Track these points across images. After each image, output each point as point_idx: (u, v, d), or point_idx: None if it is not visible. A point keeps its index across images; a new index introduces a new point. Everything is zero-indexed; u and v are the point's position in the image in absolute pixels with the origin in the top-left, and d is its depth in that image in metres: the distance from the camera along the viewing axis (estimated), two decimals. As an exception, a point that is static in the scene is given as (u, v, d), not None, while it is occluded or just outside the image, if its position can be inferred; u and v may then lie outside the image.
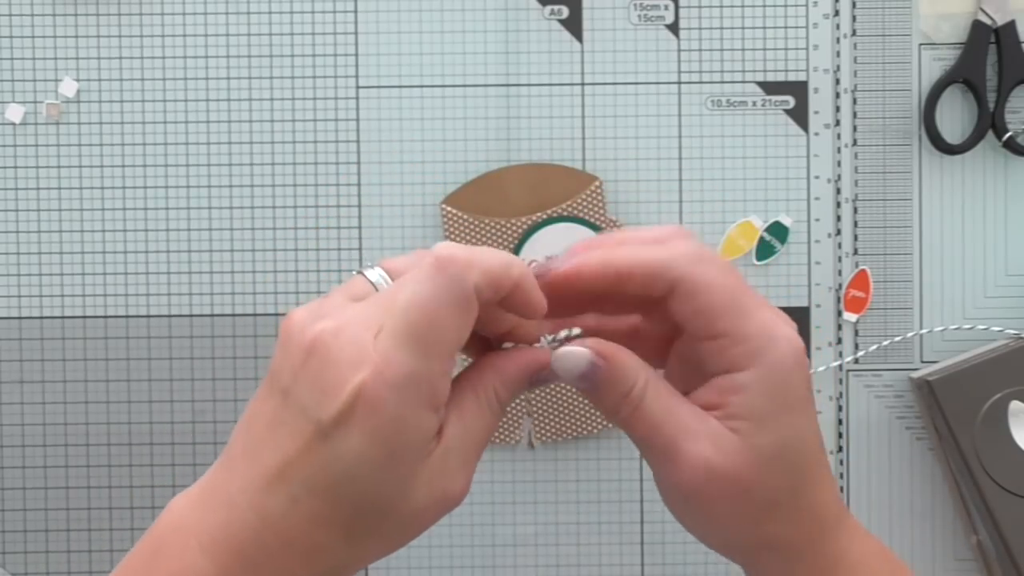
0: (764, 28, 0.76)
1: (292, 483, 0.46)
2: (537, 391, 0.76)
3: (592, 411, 0.76)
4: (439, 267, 0.46)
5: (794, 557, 0.52)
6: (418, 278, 0.46)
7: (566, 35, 0.76)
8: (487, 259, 0.47)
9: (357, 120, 0.76)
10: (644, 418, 0.49)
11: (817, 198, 0.76)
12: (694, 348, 0.51)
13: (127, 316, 0.76)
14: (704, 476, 0.49)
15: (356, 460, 0.45)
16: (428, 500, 0.47)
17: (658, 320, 0.52)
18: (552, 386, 0.76)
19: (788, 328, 0.50)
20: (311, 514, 0.46)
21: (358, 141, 0.76)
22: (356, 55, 0.76)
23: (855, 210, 0.76)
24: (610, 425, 0.76)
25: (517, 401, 0.76)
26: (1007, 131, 0.76)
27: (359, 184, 0.76)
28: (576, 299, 0.51)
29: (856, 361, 0.77)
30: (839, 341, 0.77)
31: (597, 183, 0.76)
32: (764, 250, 0.76)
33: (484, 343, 0.52)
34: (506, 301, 0.48)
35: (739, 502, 0.50)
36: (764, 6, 0.76)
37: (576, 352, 0.49)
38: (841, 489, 0.77)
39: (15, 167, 0.76)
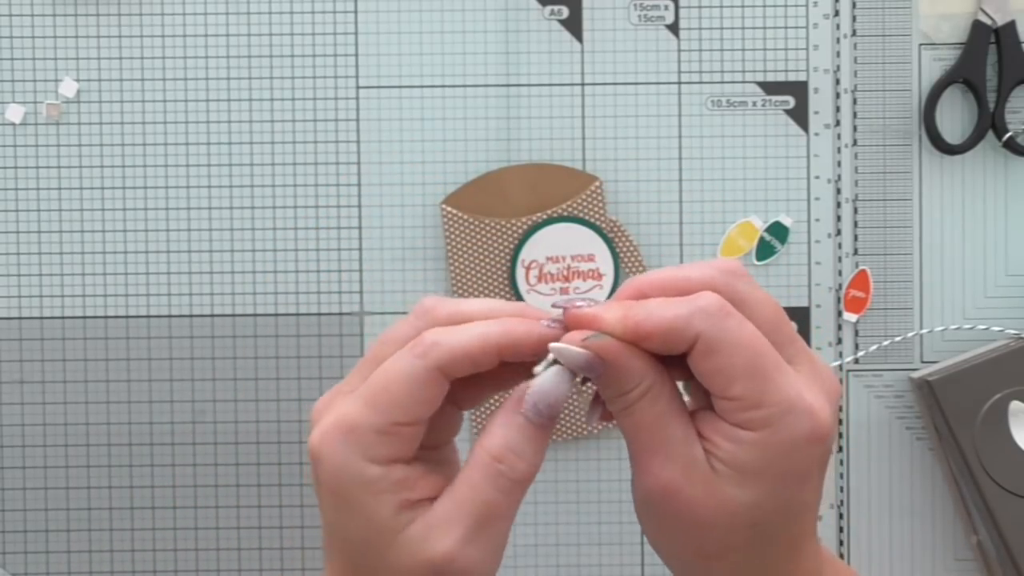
0: (764, 28, 0.76)
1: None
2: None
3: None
4: (411, 345, 0.48)
5: None
6: (396, 355, 0.49)
7: (566, 35, 0.76)
8: (456, 340, 0.48)
9: (357, 120, 0.76)
10: (632, 420, 0.49)
11: (817, 198, 0.76)
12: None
13: (127, 316, 0.76)
14: (661, 495, 0.48)
15: (324, 506, 0.51)
16: (411, 562, 0.48)
17: None
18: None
19: (817, 398, 0.47)
20: (332, 565, 0.52)
21: (358, 141, 0.76)
22: (356, 55, 0.76)
23: (855, 210, 0.76)
24: (611, 425, 0.76)
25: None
26: (1007, 131, 0.76)
27: (359, 184, 0.76)
28: None
29: (856, 361, 0.77)
30: (839, 341, 0.77)
31: (597, 183, 0.76)
32: (764, 250, 0.76)
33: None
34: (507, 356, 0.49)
35: (690, 532, 0.49)
36: (764, 6, 0.76)
37: (571, 351, 0.48)
38: (841, 489, 0.77)
39: (15, 167, 0.76)
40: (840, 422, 0.77)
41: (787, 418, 0.46)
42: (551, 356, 0.48)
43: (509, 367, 0.50)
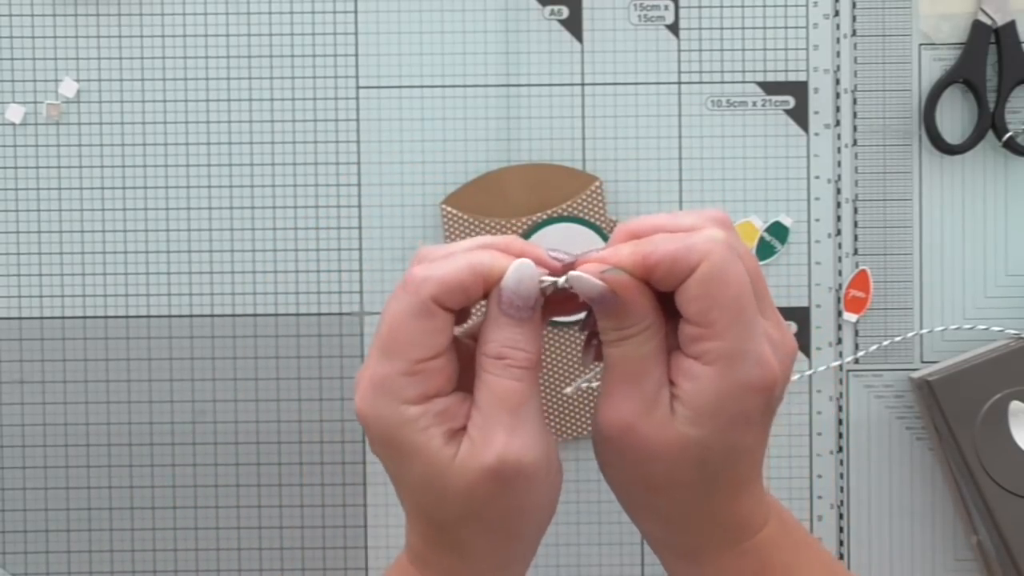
0: (764, 28, 0.76)
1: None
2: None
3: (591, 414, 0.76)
4: (403, 285, 0.51)
5: (678, 546, 0.54)
6: (392, 296, 0.52)
7: (566, 35, 0.76)
8: (444, 271, 0.51)
9: (357, 120, 0.76)
10: (621, 352, 0.51)
11: (817, 198, 0.76)
12: (682, 323, 0.51)
13: (127, 316, 0.76)
14: (619, 430, 0.51)
15: (386, 466, 0.53)
16: (470, 481, 0.51)
17: None
18: (549, 388, 0.76)
19: (774, 353, 0.51)
20: (411, 523, 0.54)
21: (358, 141, 0.76)
22: (356, 55, 0.76)
23: (855, 210, 0.76)
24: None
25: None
26: (1007, 131, 0.76)
27: (359, 184, 0.76)
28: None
29: (856, 361, 0.77)
30: (839, 341, 0.77)
31: (597, 183, 0.76)
32: (764, 250, 0.76)
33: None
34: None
35: (640, 465, 0.52)
36: (764, 6, 0.76)
37: (589, 281, 0.51)
38: (841, 489, 0.77)
39: (15, 167, 0.76)
40: (840, 422, 0.77)
41: (743, 362, 0.50)
42: (548, 282, 0.51)
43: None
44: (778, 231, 0.76)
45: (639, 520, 0.55)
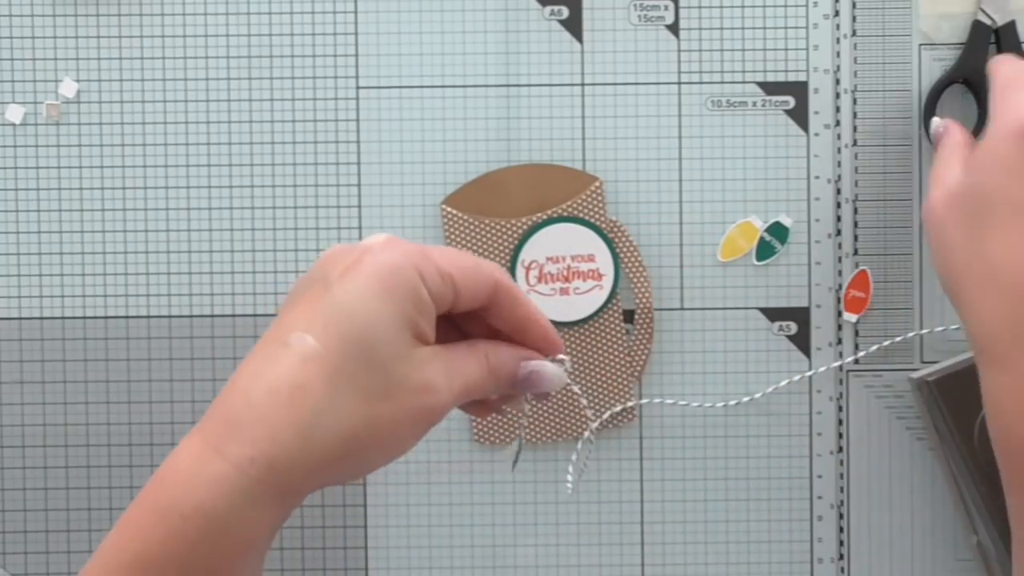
0: (764, 28, 0.76)
1: (302, 336, 0.51)
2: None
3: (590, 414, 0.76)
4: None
5: None
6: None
7: (566, 35, 0.76)
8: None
9: (357, 120, 0.76)
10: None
11: (817, 198, 0.76)
12: None
13: (127, 317, 0.76)
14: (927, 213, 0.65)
15: (354, 295, 0.50)
16: (418, 382, 0.51)
17: None
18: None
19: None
20: (321, 367, 0.50)
21: (358, 142, 0.76)
22: (356, 55, 0.76)
23: (855, 210, 0.76)
24: (609, 426, 0.76)
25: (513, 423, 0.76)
26: (1007, 131, 0.76)
27: (359, 185, 0.76)
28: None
29: (856, 361, 0.77)
30: (839, 341, 0.77)
31: (597, 183, 0.76)
32: (764, 250, 0.76)
33: None
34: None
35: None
36: (764, 6, 0.76)
37: (562, 377, 0.56)
38: (841, 489, 0.77)
39: (15, 167, 0.76)
40: (840, 422, 0.77)
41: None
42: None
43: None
44: (778, 231, 0.76)
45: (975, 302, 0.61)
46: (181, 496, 0.49)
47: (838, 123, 0.76)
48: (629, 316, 0.76)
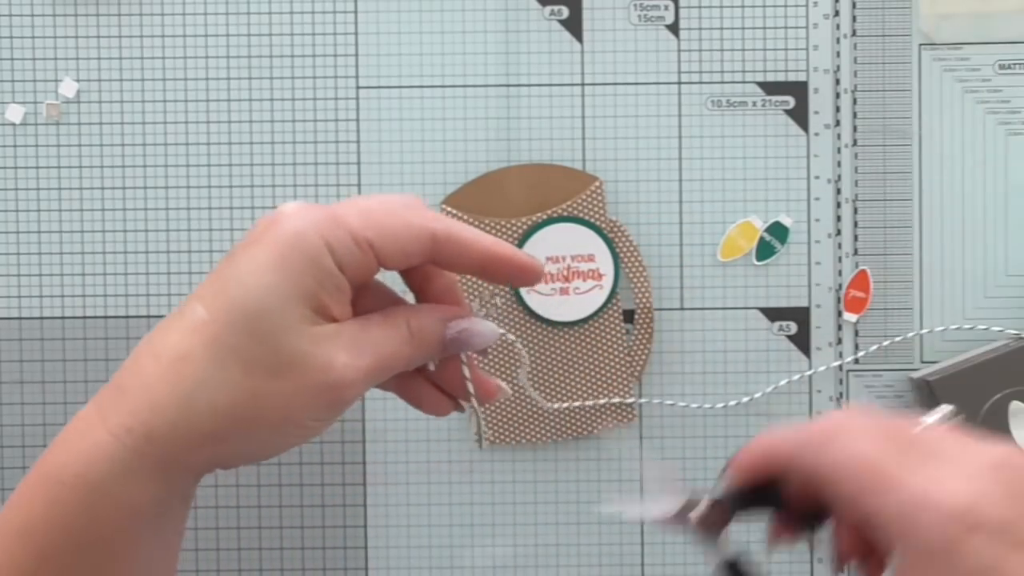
0: (764, 28, 0.76)
1: (195, 305, 0.49)
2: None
3: (594, 414, 0.76)
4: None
5: None
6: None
7: (566, 35, 0.76)
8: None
9: (357, 120, 0.76)
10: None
11: (817, 198, 0.76)
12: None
13: (127, 317, 0.76)
14: None
15: (249, 265, 0.48)
16: (314, 359, 0.48)
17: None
18: (551, 392, 0.76)
19: (948, 487, 0.43)
20: (204, 337, 0.48)
21: (358, 142, 0.76)
22: (356, 55, 0.76)
23: (855, 210, 0.76)
24: (610, 426, 0.76)
25: (516, 422, 0.76)
26: (1007, 131, 0.76)
27: (359, 185, 0.76)
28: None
29: (856, 361, 0.77)
30: (839, 341, 0.77)
31: (597, 183, 0.76)
32: (764, 250, 0.76)
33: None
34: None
35: None
36: (764, 6, 0.76)
37: (494, 329, 0.52)
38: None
39: (15, 167, 0.76)
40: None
41: (915, 525, 0.43)
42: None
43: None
44: (778, 231, 0.76)
45: None
46: (64, 464, 0.48)
47: (838, 123, 0.76)
48: (629, 316, 0.76)
